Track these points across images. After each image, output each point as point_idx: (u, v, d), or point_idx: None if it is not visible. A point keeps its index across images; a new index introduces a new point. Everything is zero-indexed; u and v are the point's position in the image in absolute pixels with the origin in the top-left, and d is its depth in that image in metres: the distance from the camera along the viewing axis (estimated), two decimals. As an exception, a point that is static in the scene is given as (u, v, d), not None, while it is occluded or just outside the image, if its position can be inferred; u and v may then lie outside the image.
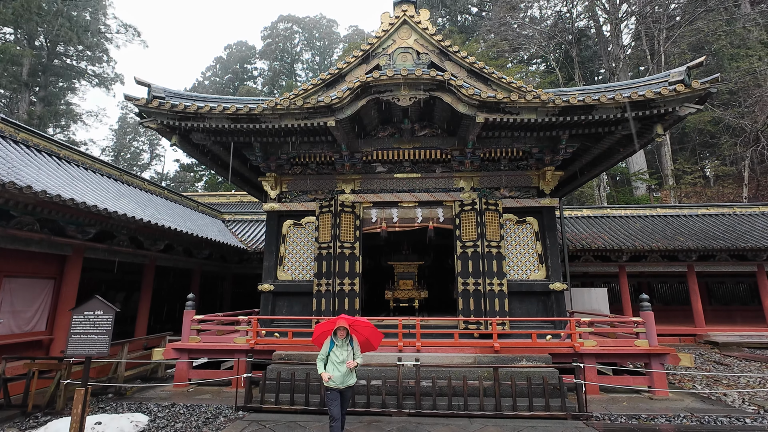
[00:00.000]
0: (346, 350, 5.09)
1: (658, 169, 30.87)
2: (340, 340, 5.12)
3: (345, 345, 5.11)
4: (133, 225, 9.70)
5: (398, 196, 10.09)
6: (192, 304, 8.65)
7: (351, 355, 5.12)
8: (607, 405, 7.05)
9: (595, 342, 7.80)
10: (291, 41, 59.50)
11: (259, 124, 8.52)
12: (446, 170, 10.25)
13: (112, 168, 12.88)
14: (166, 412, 6.68)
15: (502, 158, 10.15)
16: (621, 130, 8.53)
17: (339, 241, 9.57)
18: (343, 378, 4.99)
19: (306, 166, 10.59)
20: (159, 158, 58.16)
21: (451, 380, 6.67)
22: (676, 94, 7.61)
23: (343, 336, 5.14)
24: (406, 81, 8.12)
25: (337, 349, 5.09)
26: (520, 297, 9.41)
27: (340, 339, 5.12)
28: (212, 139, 9.33)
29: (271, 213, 10.32)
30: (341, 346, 5.10)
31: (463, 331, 8.65)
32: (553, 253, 9.54)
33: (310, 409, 6.52)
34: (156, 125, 8.73)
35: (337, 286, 9.34)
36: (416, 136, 10.12)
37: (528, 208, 9.83)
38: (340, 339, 5.12)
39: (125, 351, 8.22)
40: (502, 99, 7.91)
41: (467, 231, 9.52)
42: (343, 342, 5.13)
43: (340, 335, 5.14)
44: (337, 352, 5.08)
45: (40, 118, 36.92)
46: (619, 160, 10.34)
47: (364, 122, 9.59)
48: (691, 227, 17.19)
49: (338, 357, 5.05)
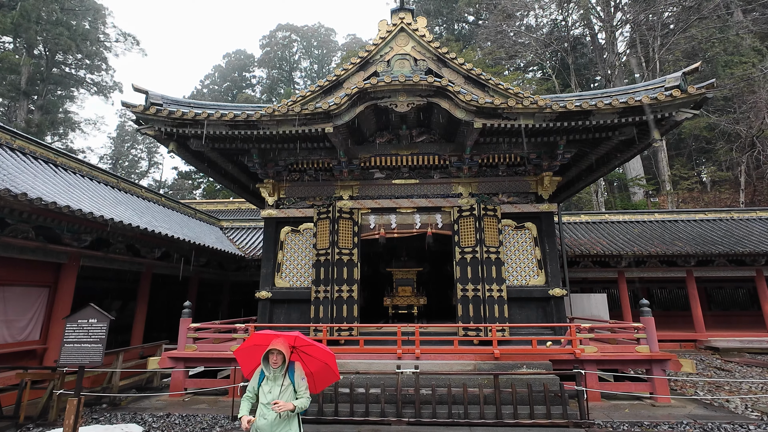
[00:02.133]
0: (281, 385, 3.28)
1: (655, 175, 31.00)
2: (272, 370, 3.31)
3: (280, 377, 3.31)
4: (129, 232, 9.64)
5: (396, 202, 10.06)
6: (188, 312, 8.55)
7: (287, 392, 3.28)
8: (609, 412, 6.96)
9: (595, 348, 7.73)
10: (289, 50, 59.93)
11: (256, 131, 8.51)
12: (444, 176, 10.25)
13: (109, 175, 12.83)
14: (161, 422, 6.56)
15: (500, 164, 10.15)
16: (618, 135, 8.56)
17: (337, 247, 9.52)
18: (273, 430, 3.21)
19: (304, 173, 10.57)
20: (157, 166, 58.13)
21: (451, 388, 6.58)
22: (672, 99, 7.64)
23: (277, 364, 3.31)
24: (403, 87, 8.14)
25: (268, 383, 3.32)
26: (519, 303, 9.34)
27: (273, 368, 3.31)
28: (210, 146, 9.31)
29: (268, 219, 10.27)
30: (274, 378, 3.31)
31: (463, 338, 8.57)
32: (552, 259, 9.50)
33: (308, 418, 6.40)
34: (153, 132, 8.71)
35: (335, 293, 9.26)
36: (414, 142, 10.12)
37: (526, 213, 9.81)
38: (273, 368, 3.31)
39: (120, 360, 8.10)
40: (499, 105, 7.94)
41: (466, 237, 9.48)
42: (277, 373, 3.32)
43: (272, 362, 3.31)
44: (266, 388, 3.32)
45: (38, 126, 36.91)
46: (617, 166, 10.36)
47: (362, 128, 9.59)
48: (690, 232, 17.21)
49: (266, 395, 3.29)
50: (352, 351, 8.07)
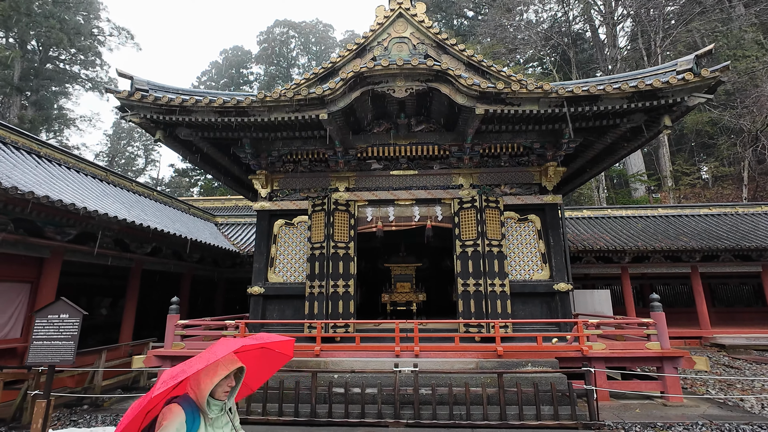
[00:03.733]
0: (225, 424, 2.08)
1: (656, 171, 30.67)
2: (215, 408, 2.03)
3: (223, 413, 2.09)
4: (116, 225, 9.23)
5: (394, 194, 9.66)
6: (176, 308, 8.16)
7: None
8: (618, 412, 6.59)
9: (604, 345, 7.36)
10: (287, 46, 59.37)
11: (247, 118, 8.09)
12: (444, 167, 9.85)
13: (96, 167, 12.40)
14: (143, 424, 6.16)
15: (503, 154, 9.76)
16: (626, 122, 8.18)
17: (333, 240, 9.11)
18: None
19: (298, 164, 10.16)
20: (154, 163, 57.59)
21: (452, 387, 6.20)
22: (684, 83, 7.25)
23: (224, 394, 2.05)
24: (401, 71, 7.73)
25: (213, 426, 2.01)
26: (522, 298, 8.97)
27: (219, 402, 2.05)
28: (199, 134, 8.89)
29: (261, 212, 9.86)
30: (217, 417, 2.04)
31: (464, 334, 8.19)
32: (557, 252, 9.12)
33: (300, 420, 6.03)
34: (139, 120, 8.28)
35: (331, 288, 8.86)
36: (413, 132, 9.72)
37: (530, 205, 9.43)
38: (219, 402, 2.05)
39: (103, 359, 7.69)
40: (502, 89, 7.54)
41: (467, 229, 9.09)
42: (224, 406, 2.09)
43: (221, 392, 2.04)
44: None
45: (32, 122, 36.34)
46: (624, 156, 9.98)
47: (359, 116, 9.19)
48: (694, 227, 16.86)
49: None
50: (348, 349, 7.68)
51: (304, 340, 8.47)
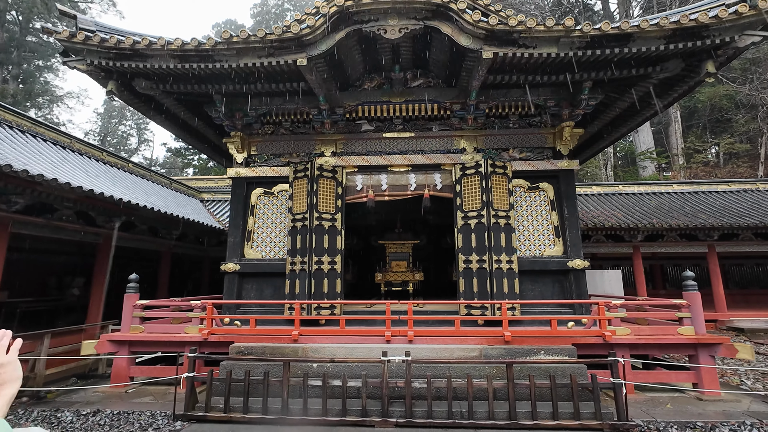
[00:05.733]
0: None
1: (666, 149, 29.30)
2: None
3: None
4: (71, 194, 8.07)
5: (388, 159, 8.49)
6: (135, 286, 7.10)
7: None
8: (647, 408, 5.60)
9: (628, 330, 6.32)
10: (282, 19, 56.92)
11: (212, 64, 6.83)
12: (445, 128, 8.64)
13: (58, 133, 11.15)
14: (82, 422, 5.18)
15: (511, 114, 8.53)
16: (660, 71, 6.92)
17: (317, 211, 7.98)
18: None
19: (279, 125, 8.94)
20: (148, 143, 55.95)
21: (452, 380, 5.18)
22: (736, 17, 5.99)
23: None
24: (394, 6, 6.44)
25: None
26: (532, 277, 7.91)
27: None
28: (161, 88, 7.65)
29: (237, 180, 8.71)
30: None
31: (465, 317, 7.16)
32: (571, 225, 8.02)
33: (268, 418, 5.02)
34: (85, 67, 7.03)
35: (314, 264, 7.78)
36: (409, 87, 8.47)
37: (542, 171, 8.27)
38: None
39: (45, 345, 6.66)
40: (515, 26, 6.27)
41: (470, 199, 7.95)
42: None
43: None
44: None
45: (14, 96, 34.75)
46: (649, 118, 8.77)
47: (346, 67, 7.93)
48: (711, 204, 15.73)
49: None
50: (331, 333, 6.66)
51: (284, 323, 7.46)
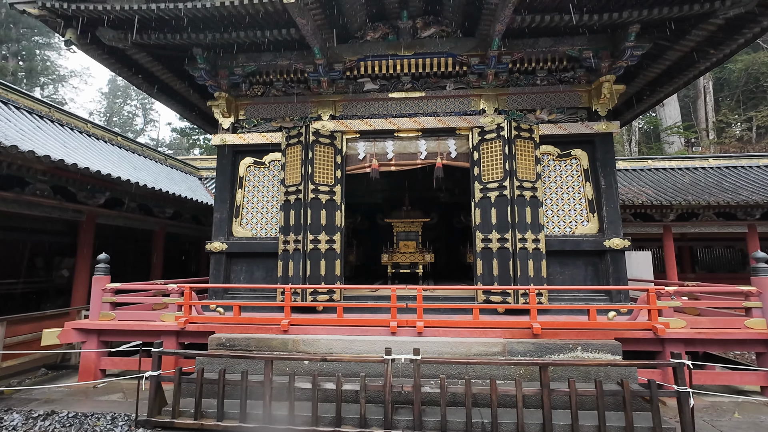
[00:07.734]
0: None
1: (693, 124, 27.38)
2: None
3: None
4: (38, 164, 7.17)
5: (395, 123, 7.36)
6: (105, 267, 6.22)
7: None
8: (711, 418, 4.58)
9: (683, 322, 5.24)
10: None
11: (183, 3, 5.72)
12: (461, 86, 7.44)
13: (37, 102, 10.21)
14: (29, 426, 4.36)
15: (539, 69, 7.26)
16: (731, 5, 5.60)
17: (312, 183, 6.94)
18: None
19: (270, 85, 7.83)
20: (154, 123, 55.16)
21: (471, 383, 4.20)
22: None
23: None
24: (401, -75, 5.21)
25: None
26: (560, 258, 6.83)
27: None
28: (129, 38, 6.57)
29: (222, 148, 7.69)
30: None
31: (484, 305, 6.15)
32: (609, 199, 6.86)
33: (247, 426, 4.13)
34: (38, 10, 5.98)
35: (310, 243, 6.80)
36: (419, 38, 7.25)
37: (575, 136, 7.06)
38: None
39: (1, 333, 5.85)
40: (553, -54, 5.00)
41: (490, 168, 6.82)
42: None
43: None
44: None
45: (13, 74, 34.02)
46: (703, 72, 7.41)
47: (346, 14, 6.73)
48: (753, 180, 14.27)
49: None
50: (326, 323, 5.71)
51: (276, 309, 6.54)
